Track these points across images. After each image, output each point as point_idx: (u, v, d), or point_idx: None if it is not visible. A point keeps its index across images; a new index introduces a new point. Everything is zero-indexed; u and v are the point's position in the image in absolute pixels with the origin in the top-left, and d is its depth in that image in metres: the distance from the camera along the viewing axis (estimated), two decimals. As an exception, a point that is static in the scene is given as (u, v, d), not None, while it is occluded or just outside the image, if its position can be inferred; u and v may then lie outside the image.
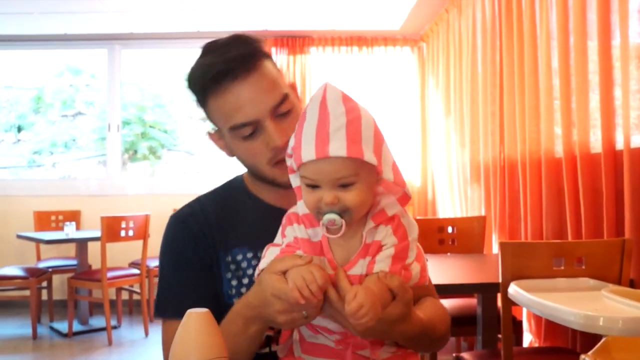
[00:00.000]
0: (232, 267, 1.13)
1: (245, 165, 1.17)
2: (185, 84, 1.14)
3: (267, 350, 1.09)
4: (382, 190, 0.96)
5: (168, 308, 1.13)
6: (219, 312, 1.00)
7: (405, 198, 0.96)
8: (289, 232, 0.99)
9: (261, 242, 1.05)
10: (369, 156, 0.89)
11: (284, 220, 1.02)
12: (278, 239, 1.02)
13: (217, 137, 1.17)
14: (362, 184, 0.90)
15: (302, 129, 0.92)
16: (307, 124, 0.91)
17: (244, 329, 0.99)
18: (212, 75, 1.07)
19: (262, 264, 0.98)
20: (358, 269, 0.93)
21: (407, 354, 1.03)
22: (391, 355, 1.00)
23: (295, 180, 0.98)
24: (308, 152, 0.89)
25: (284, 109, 1.10)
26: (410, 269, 0.96)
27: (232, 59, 1.06)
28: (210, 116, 1.14)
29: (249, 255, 1.13)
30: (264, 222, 1.11)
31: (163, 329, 1.14)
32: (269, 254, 0.99)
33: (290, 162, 0.96)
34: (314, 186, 0.91)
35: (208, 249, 1.14)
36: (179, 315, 0.99)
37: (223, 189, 1.24)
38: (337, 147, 0.87)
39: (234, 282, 1.13)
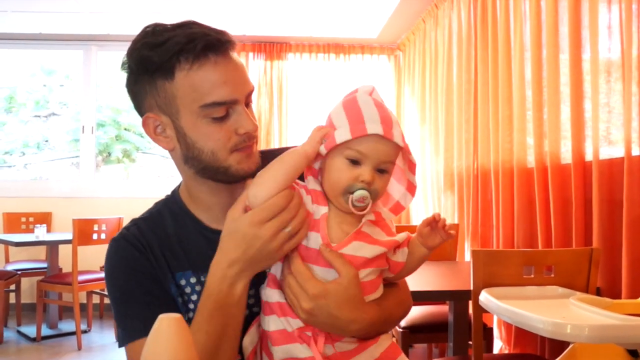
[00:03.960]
0: (178, 291, 1.06)
1: (201, 154, 1.03)
2: (140, 52, 1.02)
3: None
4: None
5: (133, 328, 1.01)
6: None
7: (399, 207, 1.04)
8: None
9: (202, 264, 1.01)
10: (412, 156, 0.99)
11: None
12: None
13: (157, 121, 1.05)
14: (389, 177, 0.99)
15: (357, 107, 0.96)
16: (364, 105, 0.96)
17: (230, 292, 0.95)
18: (203, 45, 0.98)
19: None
20: (349, 249, 0.96)
21: (367, 345, 1.01)
22: (352, 349, 0.99)
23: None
24: (375, 128, 0.94)
25: (250, 100, 1.07)
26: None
27: (220, 33, 1.01)
28: (168, 93, 1.01)
29: (192, 279, 1.06)
30: (206, 245, 1.05)
31: (131, 353, 1.02)
32: None
33: (336, 139, 0.96)
34: (355, 162, 0.95)
35: (159, 266, 1.06)
36: (147, 332, 0.96)
37: (160, 209, 1.14)
38: (398, 136, 0.96)
39: (183, 309, 1.07)
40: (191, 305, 1.06)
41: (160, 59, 1.00)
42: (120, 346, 1.04)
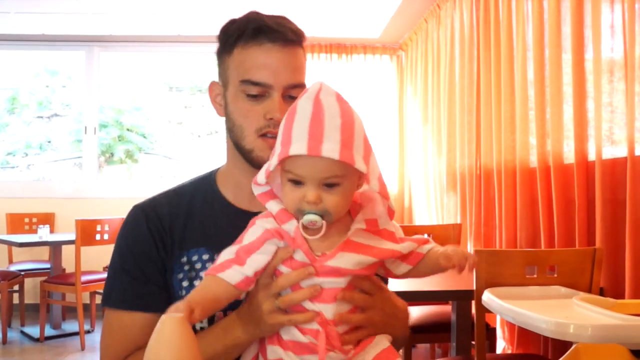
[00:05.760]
0: (186, 267, 1.12)
1: (233, 127, 1.12)
2: (220, 33, 1.17)
3: None
4: (376, 197, 0.95)
5: (112, 295, 1.12)
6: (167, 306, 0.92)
7: (390, 212, 0.96)
8: (259, 224, 0.94)
9: (220, 243, 0.98)
10: (360, 164, 0.87)
11: (249, 225, 0.96)
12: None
13: (218, 89, 1.18)
14: (346, 187, 0.89)
15: (292, 122, 0.88)
16: (299, 118, 0.87)
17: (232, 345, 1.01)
18: (254, 27, 1.09)
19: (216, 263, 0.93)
20: (336, 261, 0.90)
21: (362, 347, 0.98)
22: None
23: (259, 189, 0.96)
24: (299, 147, 0.85)
25: (295, 93, 1.07)
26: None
27: (281, 24, 1.11)
28: (226, 65, 1.14)
29: (205, 256, 1.12)
30: (227, 224, 1.11)
31: (106, 319, 1.12)
32: (224, 254, 0.93)
33: (269, 164, 0.90)
34: (297, 182, 0.88)
35: (164, 244, 1.13)
36: (123, 304, 1.10)
37: (193, 184, 1.22)
38: (331, 149, 0.85)
39: (185, 284, 1.11)
40: (197, 282, 1.10)
41: (228, 37, 1.14)
42: (102, 306, 1.14)
